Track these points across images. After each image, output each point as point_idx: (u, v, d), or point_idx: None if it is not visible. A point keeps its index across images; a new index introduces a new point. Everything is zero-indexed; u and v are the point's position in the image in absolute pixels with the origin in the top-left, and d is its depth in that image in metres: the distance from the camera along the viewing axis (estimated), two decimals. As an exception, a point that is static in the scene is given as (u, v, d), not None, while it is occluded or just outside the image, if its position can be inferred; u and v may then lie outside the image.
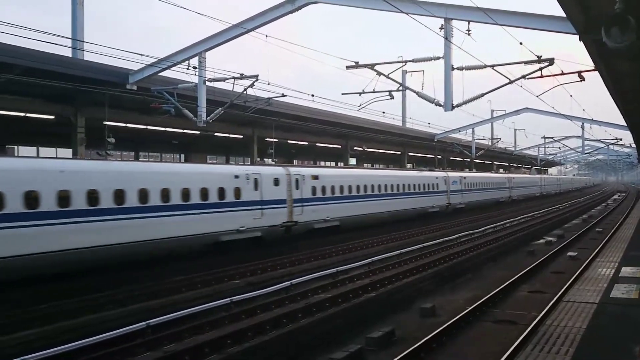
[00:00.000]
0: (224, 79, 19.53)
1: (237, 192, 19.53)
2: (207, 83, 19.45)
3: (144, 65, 18.07)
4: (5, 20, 12.75)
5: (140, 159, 31.54)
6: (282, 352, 9.61)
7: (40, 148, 28.91)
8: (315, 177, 23.84)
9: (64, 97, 20.01)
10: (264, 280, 15.45)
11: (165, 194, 16.90)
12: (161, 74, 19.09)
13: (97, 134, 21.43)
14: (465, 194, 41.17)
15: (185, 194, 17.55)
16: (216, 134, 29.12)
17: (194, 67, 18.12)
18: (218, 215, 18.60)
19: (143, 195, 16.30)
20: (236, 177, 19.72)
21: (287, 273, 16.55)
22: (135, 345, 9.26)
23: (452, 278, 16.50)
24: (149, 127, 25.45)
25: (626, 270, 12.80)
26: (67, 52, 19.44)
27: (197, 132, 27.49)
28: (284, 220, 21.68)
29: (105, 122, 21.23)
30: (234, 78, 19.32)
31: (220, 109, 20.59)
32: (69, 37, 19.66)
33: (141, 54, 15.74)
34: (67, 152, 22.93)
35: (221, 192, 18.86)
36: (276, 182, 21.43)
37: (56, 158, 21.10)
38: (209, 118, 20.19)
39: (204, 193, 18.19)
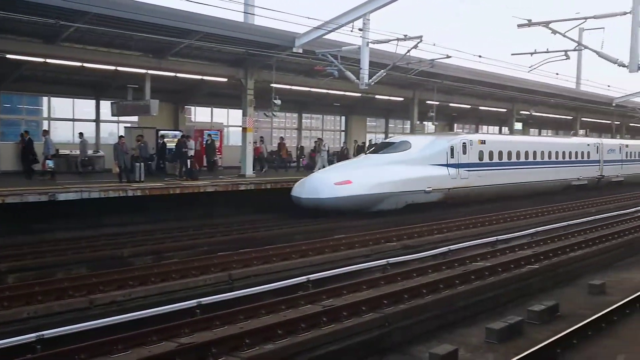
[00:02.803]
0: (387, 41, 19.36)
1: (588, 154, 32.00)
2: (370, 45, 19.41)
3: (310, 28, 18.46)
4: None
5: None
6: (439, 316, 9.57)
7: (213, 109, 31.03)
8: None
9: (235, 61, 21.22)
10: (420, 245, 15.43)
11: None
12: (325, 36, 19.38)
13: (264, 96, 22.52)
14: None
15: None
16: (377, 96, 29.17)
17: (359, 29, 18.16)
18: (575, 168, 30.69)
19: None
20: (587, 144, 32.61)
21: (444, 239, 16.37)
22: (297, 297, 9.74)
23: (627, 255, 15.22)
24: (312, 90, 26.18)
25: None
26: (240, 17, 20.48)
27: (359, 95, 27.75)
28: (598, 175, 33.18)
29: (272, 85, 22.22)
30: (397, 39, 19.07)
31: (382, 71, 20.52)
32: (240, 1, 20.64)
33: (308, 17, 16.11)
34: (238, 112, 24.34)
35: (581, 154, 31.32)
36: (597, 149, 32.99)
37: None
38: (371, 80, 20.22)
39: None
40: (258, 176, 22.16)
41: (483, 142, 24.05)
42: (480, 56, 20.99)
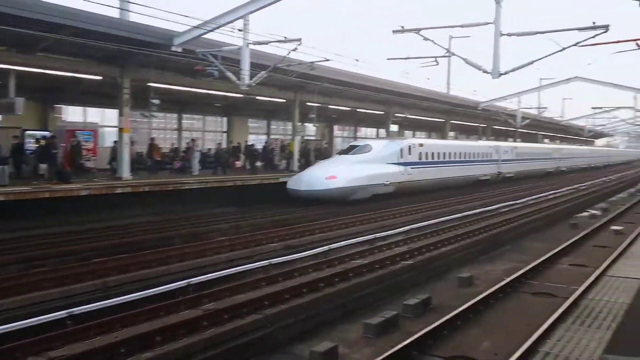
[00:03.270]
0: (267, 42, 19.43)
1: (490, 155, 38.16)
2: (251, 46, 19.39)
3: (189, 27, 18.09)
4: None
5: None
6: (318, 314, 9.77)
7: (87, 108, 29.55)
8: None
9: (111, 58, 20.30)
10: (302, 244, 15.64)
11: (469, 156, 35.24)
12: (206, 36, 19.08)
13: (142, 95, 21.76)
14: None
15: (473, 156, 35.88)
16: (258, 97, 29.16)
17: (239, 30, 18.07)
18: (482, 165, 36.78)
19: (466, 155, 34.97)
20: (490, 147, 39.00)
21: (325, 238, 16.70)
22: (177, 303, 9.54)
23: (490, 249, 16.40)
24: (193, 90, 25.66)
25: (673, 247, 12.47)
26: (115, 13, 19.62)
27: (240, 96, 27.59)
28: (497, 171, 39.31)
29: (149, 84, 21.52)
30: (278, 41, 19.20)
31: (263, 72, 20.58)
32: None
33: (187, 16, 15.76)
34: (114, 112, 23.36)
35: (486, 155, 37.32)
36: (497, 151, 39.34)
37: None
38: (252, 81, 20.21)
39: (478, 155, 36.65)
40: (135, 178, 21.36)
41: (421, 145, 29.92)
42: (357, 60, 21.72)
